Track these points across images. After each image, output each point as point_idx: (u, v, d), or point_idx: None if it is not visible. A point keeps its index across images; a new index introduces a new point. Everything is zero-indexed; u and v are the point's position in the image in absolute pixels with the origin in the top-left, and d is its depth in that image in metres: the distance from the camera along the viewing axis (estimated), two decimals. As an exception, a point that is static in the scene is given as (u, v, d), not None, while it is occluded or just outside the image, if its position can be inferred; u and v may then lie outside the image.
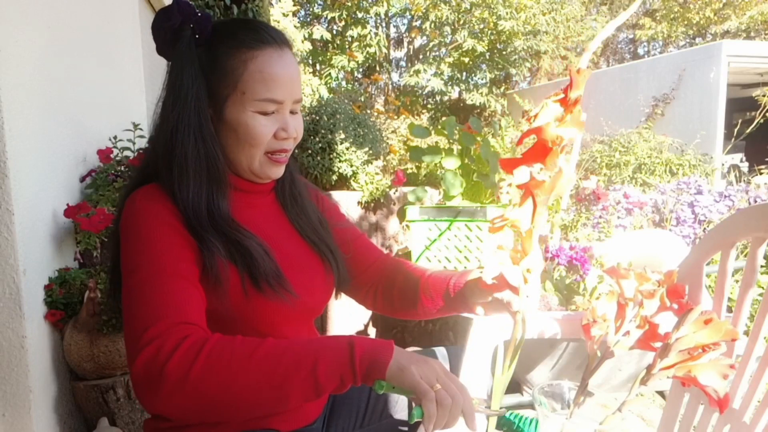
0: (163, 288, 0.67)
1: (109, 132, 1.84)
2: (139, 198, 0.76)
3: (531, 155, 0.68)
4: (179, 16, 0.77)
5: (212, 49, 0.78)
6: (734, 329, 0.64)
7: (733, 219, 0.86)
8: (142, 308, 0.65)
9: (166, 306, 0.65)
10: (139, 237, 0.72)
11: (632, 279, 0.71)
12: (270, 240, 0.82)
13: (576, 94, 0.66)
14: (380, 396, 0.98)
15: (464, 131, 2.19)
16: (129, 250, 0.72)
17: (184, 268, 0.71)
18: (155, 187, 0.78)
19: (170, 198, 0.76)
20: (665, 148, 5.57)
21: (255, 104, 0.77)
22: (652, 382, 0.67)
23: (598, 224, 2.38)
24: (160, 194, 0.77)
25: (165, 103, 0.79)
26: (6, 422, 1.24)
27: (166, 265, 0.69)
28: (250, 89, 0.77)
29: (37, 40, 1.42)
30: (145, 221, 0.73)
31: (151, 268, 0.68)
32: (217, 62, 0.78)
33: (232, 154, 0.81)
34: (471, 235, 1.80)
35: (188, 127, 0.77)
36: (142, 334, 0.62)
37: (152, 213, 0.74)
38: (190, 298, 0.69)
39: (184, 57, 0.77)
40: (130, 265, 0.70)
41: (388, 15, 10.01)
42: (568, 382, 0.76)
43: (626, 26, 16.07)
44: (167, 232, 0.73)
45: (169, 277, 0.68)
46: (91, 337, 1.36)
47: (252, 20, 0.83)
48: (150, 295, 0.66)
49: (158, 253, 0.70)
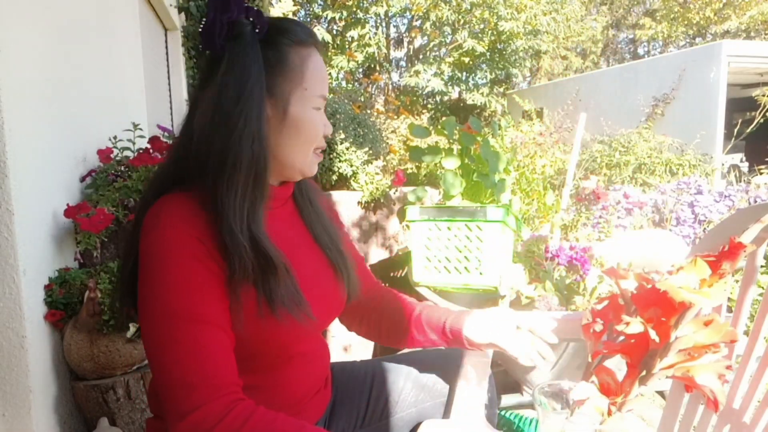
0: (199, 340, 0.65)
1: (109, 132, 1.84)
2: (164, 216, 0.70)
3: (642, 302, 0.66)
4: (236, 9, 0.73)
5: (274, 45, 0.75)
6: (734, 330, 0.64)
7: (733, 219, 0.86)
8: (181, 364, 0.64)
9: (204, 365, 0.64)
10: (167, 273, 0.68)
11: (632, 279, 0.71)
12: (290, 252, 0.79)
13: (730, 267, 0.63)
14: (380, 396, 0.99)
15: (464, 131, 2.19)
16: (155, 284, 0.68)
17: (216, 312, 0.69)
18: (182, 198, 0.73)
19: (201, 207, 0.71)
20: (665, 148, 5.57)
21: (314, 100, 0.78)
22: (652, 382, 0.67)
23: (598, 224, 2.38)
24: (188, 208, 0.71)
25: (222, 100, 0.72)
26: (6, 422, 1.24)
27: (199, 312, 0.67)
28: (311, 85, 0.77)
29: (37, 40, 1.42)
30: (170, 255, 0.68)
31: (183, 313, 0.66)
32: (281, 58, 0.76)
33: (285, 152, 0.79)
34: (471, 235, 1.80)
35: (249, 127, 0.72)
36: (186, 397, 0.63)
37: (179, 243, 0.69)
38: (226, 351, 0.68)
39: (248, 52, 0.73)
40: (158, 306, 0.67)
41: (388, 15, 10.00)
42: (568, 382, 0.76)
43: (626, 26, 16.06)
44: (196, 269, 0.68)
45: (204, 326, 0.66)
46: (91, 337, 1.36)
47: (294, 18, 0.83)
48: (186, 349, 0.65)
49: (188, 296, 0.67)
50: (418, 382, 1.00)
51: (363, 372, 1.02)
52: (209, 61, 0.76)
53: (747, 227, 0.71)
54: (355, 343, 2.23)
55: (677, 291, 0.63)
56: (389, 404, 0.98)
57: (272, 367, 0.81)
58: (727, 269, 0.64)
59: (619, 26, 16.85)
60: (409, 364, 1.03)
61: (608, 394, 0.68)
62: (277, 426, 0.64)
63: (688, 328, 0.65)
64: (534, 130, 5.07)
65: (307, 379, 0.87)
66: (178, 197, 0.73)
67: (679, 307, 0.63)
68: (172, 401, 0.64)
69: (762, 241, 0.80)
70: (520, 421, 1.54)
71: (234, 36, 0.73)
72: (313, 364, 0.89)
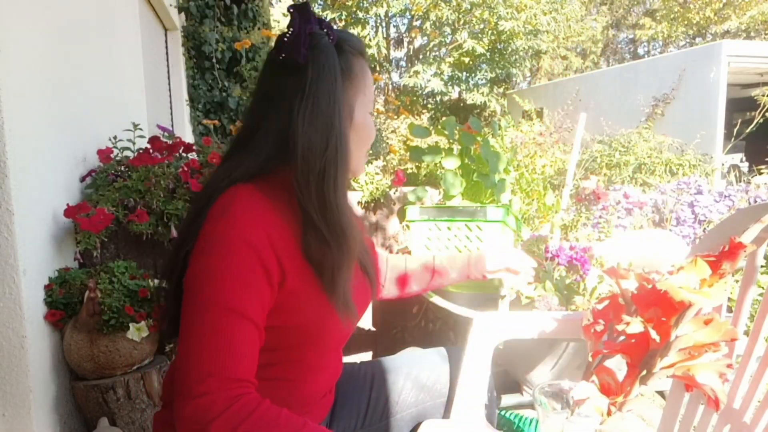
0: (231, 331, 0.67)
1: (109, 132, 1.84)
2: (236, 206, 0.73)
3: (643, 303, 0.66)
4: (315, 21, 0.79)
5: (342, 54, 0.80)
6: (734, 329, 0.64)
7: (733, 219, 0.86)
8: (207, 349, 0.66)
9: (228, 356, 0.66)
10: (222, 261, 0.70)
11: (632, 279, 0.71)
12: None
13: (730, 267, 0.64)
14: (381, 396, 0.99)
15: (464, 131, 2.19)
16: (209, 268, 0.70)
17: (255, 309, 0.70)
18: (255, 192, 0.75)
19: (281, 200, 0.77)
20: (665, 148, 5.57)
21: (370, 106, 0.85)
22: (652, 381, 0.67)
23: (598, 224, 2.38)
24: (263, 202, 0.74)
25: (315, 106, 0.76)
26: (6, 422, 1.24)
27: (240, 306, 0.68)
28: (368, 92, 0.84)
29: (37, 40, 1.42)
30: (231, 244, 0.70)
31: (225, 302, 0.68)
32: (349, 66, 0.81)
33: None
34: (471, 235, 1.80)
35: (342, 131, 0.78)
36: (196, 383, 0.64)
37: (243, 236, 0.71)
38: (252, 348, 0.69)
39: (330, 60, 0.78)
40: (205, 289, 0.69)
41: (388, 15, 10.00)
42: (568, 382, 0.76)
43: (626, 26, 16.06)
44: (251, 265, 0.70)
45: (240, 319, 0.68)
46: (91, 337, 1.36)
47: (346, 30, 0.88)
48: (217, 336, 0.66)
49: (235, 288, 0.68)
50: (418, 382, 1.00)
51: (363, 372, 1.02)
52: (283, 68, 0.78)
53: (747, 227, 0.72)
54: (355, 343, 2.23)
55: (677, 291, 0.63)
56: (389, 404, 0.98)
57: (297, 363, 0.82)
58: (727, 269, 0.64)
59: (619, 26, 16.86)
60: (409, 364, 1.03)
61: (608, 394, 0.68)
62: (280, 421, 0.65)
63: (688, 327, 0.65)
64: (534, 130, 5.07)
65: (321, 380, 0.88)
66: (252, 190, 0.75)
67: (679, 306, 0.63)
68: (185, 381, 0.65)
69: (762, 241, 0.80)
70: (520, 421, 1.54)
71: (312, 46, 0.77)
72: (330, 368, 0.91)
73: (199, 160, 1.76)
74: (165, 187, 1.65)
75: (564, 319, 0.97)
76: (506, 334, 0.99)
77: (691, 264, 0.66)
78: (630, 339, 0.68)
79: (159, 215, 1.61)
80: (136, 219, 1.54)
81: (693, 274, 0.65)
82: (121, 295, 1.39)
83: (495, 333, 0.97)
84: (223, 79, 4.07)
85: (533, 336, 0.99)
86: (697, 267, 0.65)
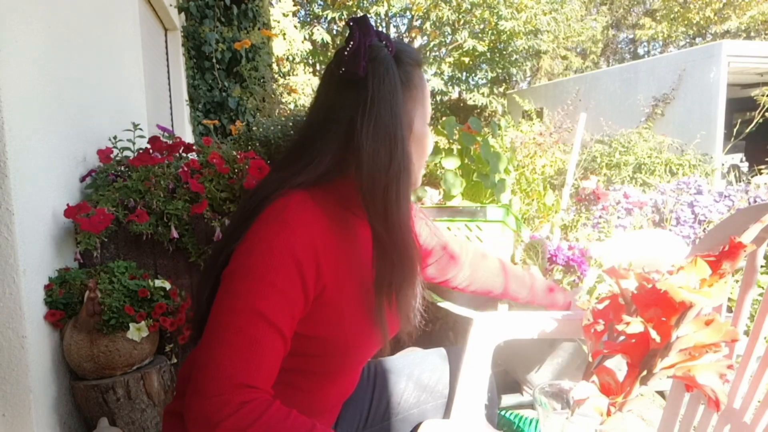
0: (257, 337, 0.66)
1: (109, 132, 1.84)
2: (289, 214, 0.73)
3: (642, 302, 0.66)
4: (374, 33, 0.78)
5: (402, 66, 0.80)
6: (734, 330, 0.64)
7: (733, 219, 0.86)
8: (229, 350, 0.65)
9: (249, 362, 0.65)
10: (263, 266, 0.69)
11: (632, 279, 0.71)
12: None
13: (731, 267, 0.64)
14: (382, 398, 0.99)
15: (464, 131, 2.19)
16: (250, 270, 0.70)
17: (285, 320, 0.69)
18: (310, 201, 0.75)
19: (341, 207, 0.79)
20: (665, 148, 5.57)
21: (427, 117, 0.85)
22: (652, 381, 0.67)
23: (598, 224, 2.38)
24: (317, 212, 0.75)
25: (378, 119, 0.76)
26: (6, 422, 1.24)
27: (271, 314, 0.68)
28: (427, 103, 0.84)
29: (37, 40, 1.42)
30: (275, 252, 0.70)
31: (258, 307, 0.67)
32: (409, 78, 0.81)
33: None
34: (471, 235, 1.79)
35: (405, 144, 0.77)
36: (212, 381, 0.63)
37: (289, 246, 0.70)
38: (275, 358, 0.68)
39: (391, 73, 0.77)
40: (241, 290, 0.68)
41: (388, 15, 10.00)
42: (568, 382, 0.76)
43: (626, 26, 16.06)
44: (291, 276, 0.70)
45: (269, 327, 0.67)
46: (91, 337, 1.36)
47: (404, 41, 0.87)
48: (242, 340, 0.66)
49: (270, 296, 0.68)
50: (420, 383, 1.00)
51: (365, 374, 1.02)
52: (343, 82, 0.77)
53: (747, 227, 0.71)
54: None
55: (677, 291, 0.63)
56: (391, 405, 0.98)
57: (314, 374, 0.82)
58: (727, 269, 0.64)
59: (619, 26, 16.85)
60: (411, 365, 1.03)
61: (608, 394, 0.68)
62: (288, 424, 0.65)
63: (688, 327, 0.65)
64: (534, 130, 5.06)
65: (333, 396, 0.88)
66: (306, 198, 0.75)
67: (679, 306, 0.63)
68: (201, 377, 0.65)
69: (762, 241, 0.80)
70: (520, 421, 1.54)
71: (372, 58, 0.76)
72: (345, 386, 0.91)
73: (199, 160, 1.76)
74: (165, 187, 1.65)
75: (564, 319, 0.97)
76: (506, 334, 0.99)
77: (691, 264, 0.66)
78: (630, 339, 0.67)
79: (159, 215, 1.61)
80: (136, 219, 1.54)
81: (693, 274, 0.65)
82: (121, 295, 1.39)
83: (495, 333, 0.97)
84: (223, 79, 4.07)
85: (533, 336, 0.99)
86: (697, 267, 0.65)
